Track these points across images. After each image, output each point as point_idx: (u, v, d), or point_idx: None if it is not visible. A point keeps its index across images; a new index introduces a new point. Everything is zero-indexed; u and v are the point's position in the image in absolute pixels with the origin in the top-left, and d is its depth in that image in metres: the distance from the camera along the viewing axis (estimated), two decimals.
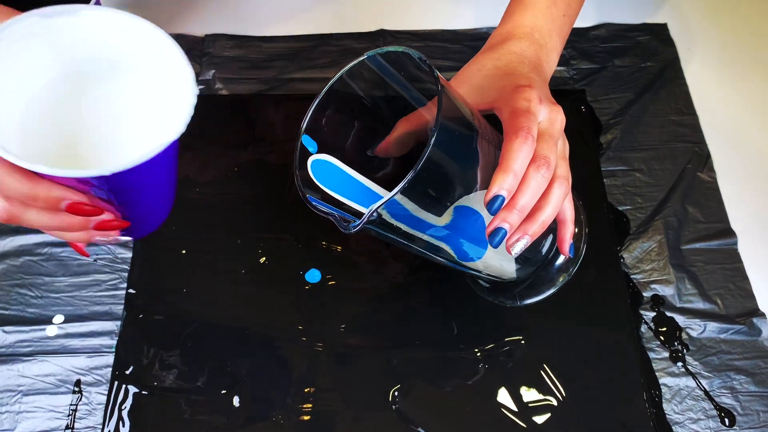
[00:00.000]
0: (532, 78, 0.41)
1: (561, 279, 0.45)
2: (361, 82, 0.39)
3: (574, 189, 0.43)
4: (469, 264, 0.41)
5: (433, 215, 0.36)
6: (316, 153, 0.39)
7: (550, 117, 0.39)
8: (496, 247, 0.36)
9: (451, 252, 0.39)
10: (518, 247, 0.37)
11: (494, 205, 0.35)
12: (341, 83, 0.39)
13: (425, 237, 0.37)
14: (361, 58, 0.38)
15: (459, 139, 0.35)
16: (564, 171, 0.39)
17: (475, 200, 0.37)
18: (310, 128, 0.39)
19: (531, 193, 0.36)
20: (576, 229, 0.43)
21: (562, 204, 0.39)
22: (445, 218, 0.37)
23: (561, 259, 0.45)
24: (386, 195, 0.39)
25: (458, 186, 0.36)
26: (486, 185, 0.36)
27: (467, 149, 0.35)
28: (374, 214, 0.33)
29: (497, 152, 0.37)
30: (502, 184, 0.35)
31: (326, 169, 0.38)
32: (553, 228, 0.43)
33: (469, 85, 0.42)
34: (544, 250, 0.44)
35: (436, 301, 0.51)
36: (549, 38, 0.45)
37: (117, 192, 0.35)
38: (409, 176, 0.32)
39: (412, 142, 0.43)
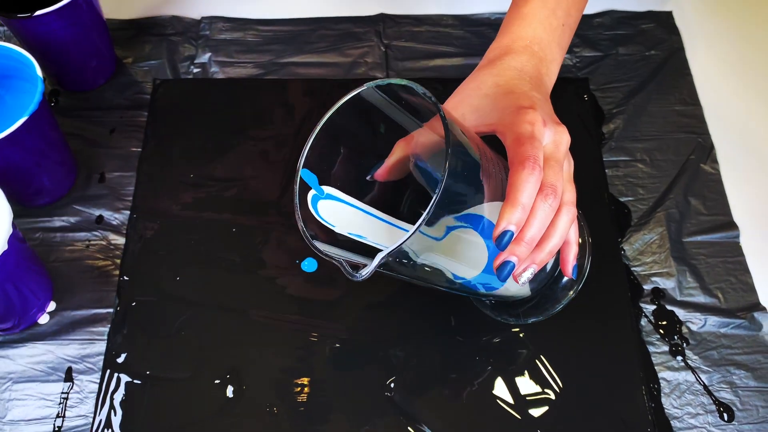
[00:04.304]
0: (533, 97, 0.39)
1: (566, 297, 0.44)
2: (354, 111, 0.37)
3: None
4: (479, 292, 0.41)
5: (437, 240, 0.35)
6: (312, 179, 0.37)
7: (555, 139, 0.38)
8: (504, 280, 0.36)
9: (455, 279, 0.39)
10: (525, 277, 0.37)
11: (503, 240, 0.34)
12: (335, 113, 0.37)
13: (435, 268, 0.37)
14: (359, 90, 0.35)
15: (465, 173, 0.33)
16: (570, 196, 0.38)
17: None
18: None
19: (539, 224, 0.35)
20: (580, 240, 0.42)
21: (569, 230, 0.38)
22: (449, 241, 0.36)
23: (566, 278, 0.44)
24: (388, 218, 0.38)
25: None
26: (491, 202, 0.35)
27: (473, 182, 0.34)
28: (384, 259, 0.32)
29: (503, 177, 0.36)
30: (511, 219, 0.34)
31: (329, 203, 0.36)
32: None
33: (468, 105, 0.41)
34: (548, 268, 0.43)
35: (434, 292, 0.50)
36: (548, 50, 0.44)
37: None
38: (421, 221, 0.30)
39: (409, 166, 0.41)
